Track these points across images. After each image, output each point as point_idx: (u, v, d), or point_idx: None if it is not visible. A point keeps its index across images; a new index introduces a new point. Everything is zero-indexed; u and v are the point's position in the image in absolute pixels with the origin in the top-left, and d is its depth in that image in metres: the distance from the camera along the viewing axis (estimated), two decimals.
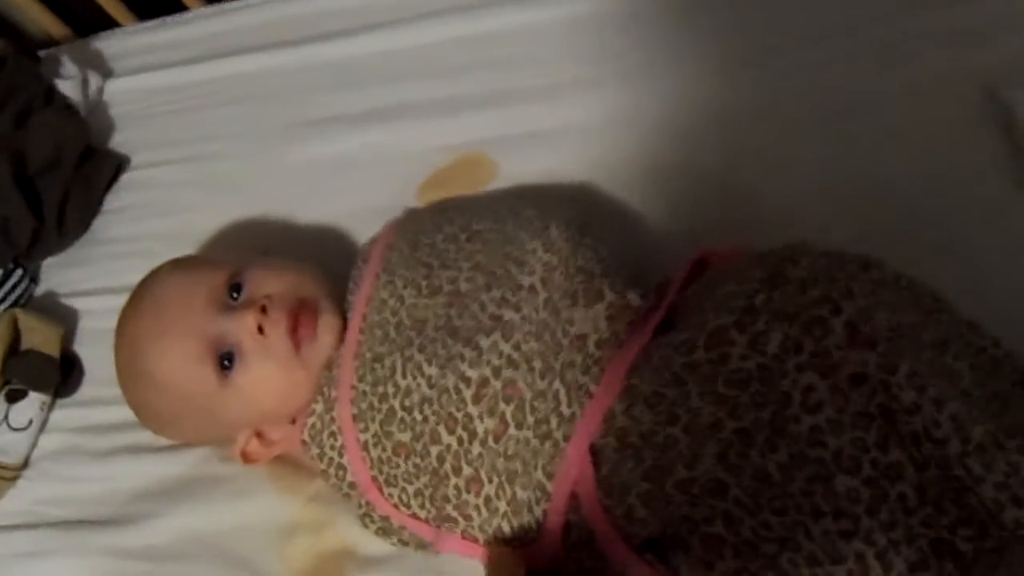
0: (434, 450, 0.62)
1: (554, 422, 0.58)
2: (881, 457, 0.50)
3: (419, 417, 0.62)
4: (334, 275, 0.76)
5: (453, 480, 0.61)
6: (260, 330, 0.67)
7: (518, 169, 0.84)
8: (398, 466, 0.64)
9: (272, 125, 0.97)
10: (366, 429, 0.65)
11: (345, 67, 0.99)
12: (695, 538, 0.52)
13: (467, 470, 0.61)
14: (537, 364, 0.60)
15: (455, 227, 0.72)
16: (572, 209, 0.71)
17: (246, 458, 0.72)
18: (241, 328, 0.67)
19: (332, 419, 0.67)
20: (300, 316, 0.69)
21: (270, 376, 0.68)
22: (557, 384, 0.59)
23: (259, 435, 0.72)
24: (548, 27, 0.92)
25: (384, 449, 0.64)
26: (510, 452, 0.59)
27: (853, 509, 0.49)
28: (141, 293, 0.74)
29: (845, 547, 0.49)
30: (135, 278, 0.76)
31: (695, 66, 0.85)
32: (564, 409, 0.58)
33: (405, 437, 0.63)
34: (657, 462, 0.53)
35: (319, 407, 0.69)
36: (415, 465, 0.63)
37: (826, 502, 0.50)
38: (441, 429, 0.61)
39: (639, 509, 0.53)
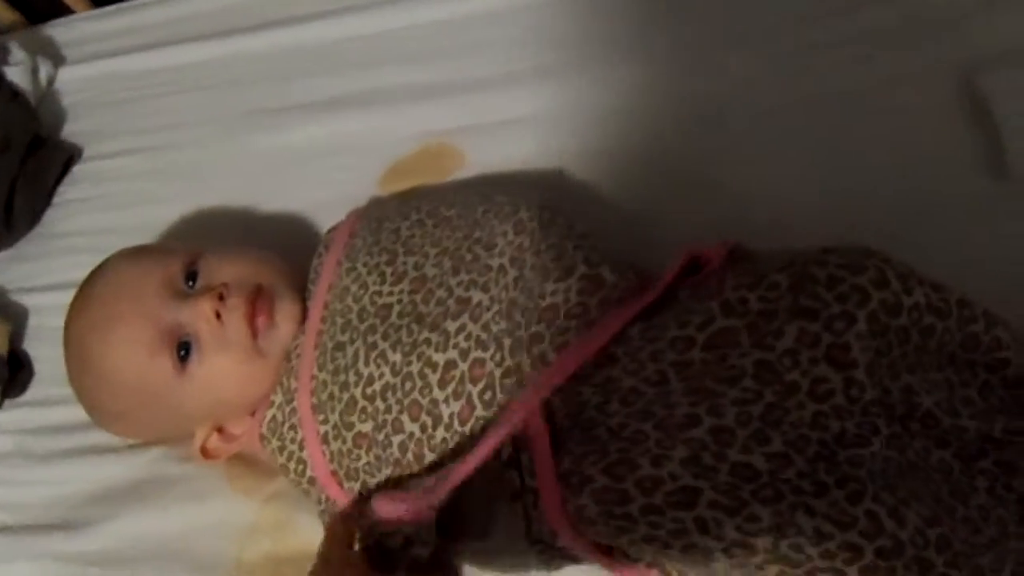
0: (396, 439, 0.59)
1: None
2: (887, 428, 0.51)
3: (381, 406, 0.60)
4: (296, 265, 0.74)
5: (415, 469, 0.59)
6: (217, 316, 0.65)
7: (484, 158, 0.81)
8: (359, 458, 0.62)
9: (232, 114, 0.94)
10: (326, 420, 0.63)
11: (306, 54, 0.96)
12: (674, 551, 0.50)
13: (429, 456, 0.58)
14: (507, 341, 0.58)
15: (422, 214, 0.70)
16: (543, 193, 0.70)
17: (205, 454, 0.70)
18: (198, 316, 0.65)
19: (293, 411, 0.65)
20: (257, 303, 0.67)
21: (228, 365, 0.66)
22: (523, 357, 0.57)
23: (219, 430, 0.70)
24: (513, 12, 0.90)
25: (344, 441, 0.62)
26: (475, 435, 0.57)
27: (858, 473, 0.49)
28: (91, 282, 0.71)
29: (855, 510, 0.48)
30: (84, 274, 0.73)
31: (666, 52, 0.83)
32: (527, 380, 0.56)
33: (366, 427, 0.61)
34: (622, 456, 0.51)
35: (279, 398, 0.67)
36: (376, 456, 0.61)
37: (829, 475, 0.49)
38: (404, 417, 0.59)
39: (591, 508, 0.51)
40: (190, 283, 0.68)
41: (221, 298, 0.65)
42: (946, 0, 0.77)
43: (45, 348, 0.84)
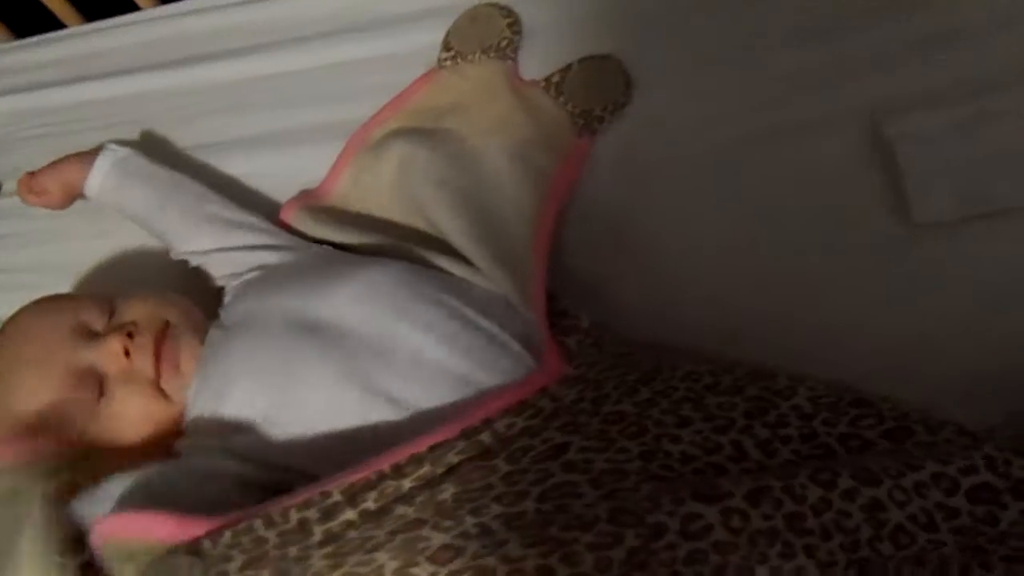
0: None
1: None
2: None
3: None
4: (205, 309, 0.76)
5: None
6: (126, 354, 0.67)
7: None
8: None
9: (150, 151, 0.93)
10: None
11: (226, 90, 0.97)
12: None
13: None
14: None
15: None
16: None
17: None
18: (107, 354, 0.67)
19: None
20: (164, 345, 0.68)
21: (134, 403, 0.67)
22: None
23: None
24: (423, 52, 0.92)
25: None
26: None
27: (728, 414, 0.54)
28: (6, 330, 0.72)
29: (720, 438, 0.52)
30: (6, 311, 0.74)
31: None
32: None
33: None
34: None
35: None
36: None
37: (696, 412, 0.54)
38: None
39: None
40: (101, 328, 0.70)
41: (130, 336, 0.67)
42: (860, 45, 0.80)
43: None
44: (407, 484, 0.54)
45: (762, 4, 0.84)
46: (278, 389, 0.63)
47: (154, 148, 0.93)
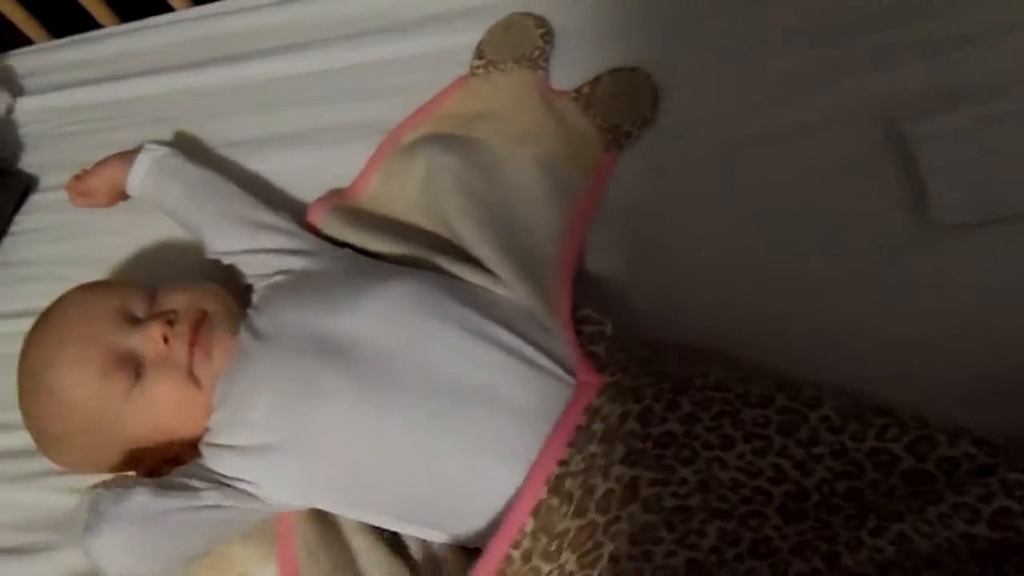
0: None
1: None
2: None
3: None
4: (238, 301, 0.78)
5: None
6: (165, 340, 0.70)
7: None
8: None
9: (184, 147, 0.96)
10: None
11: (256, 90, 1.00)
12: None
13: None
14: None
15: None
16: None
17: None
18: (147, 339, 0.70)
19: None
20: (200, 332, 0.71)
21: (167, 388, 0.70)
22: None
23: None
24: (449, 53, 0.94)
25: None
26: None
27: (764, 432, 0.56)
28: (50, 310, 0.76)
29: (761, 462, 0.54)
30: (42, 302, 0.77)
31: None
32: None
33: None
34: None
35: None
36: None
37: (735, 431, 0.56)
38: None
39: None
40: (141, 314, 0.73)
41: (170, 323, 0.70)
42: (872, 44, 0.80)
43: (2, 375, 0.86)
44: (543, 566, 0.58)
45: (762, 5, 0.85)
46: (298, 412, 0.66)
47: (185, 146, 0.96)
